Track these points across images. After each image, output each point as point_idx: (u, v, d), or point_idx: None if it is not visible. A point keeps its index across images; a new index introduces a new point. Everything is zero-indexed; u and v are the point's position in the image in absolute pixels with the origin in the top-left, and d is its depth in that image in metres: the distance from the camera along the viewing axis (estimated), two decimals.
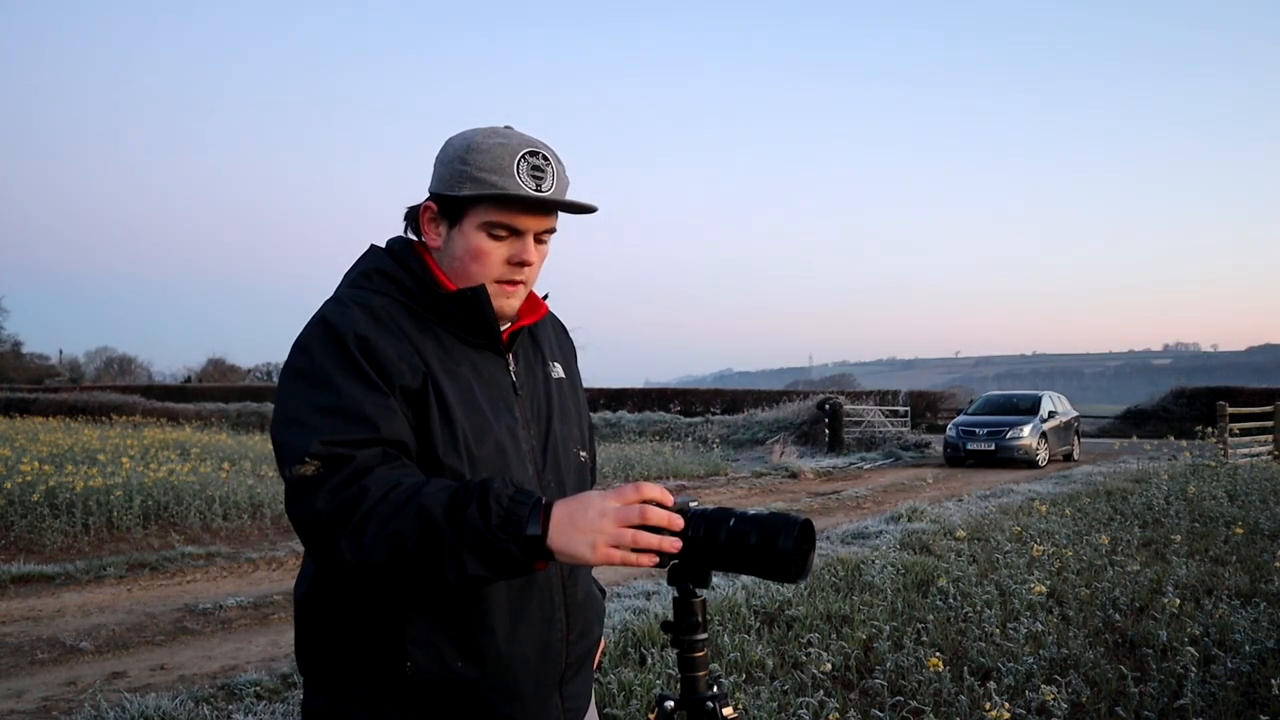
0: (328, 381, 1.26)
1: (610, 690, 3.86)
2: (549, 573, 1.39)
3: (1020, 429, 17.56)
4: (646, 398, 34.32)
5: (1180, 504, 9.54)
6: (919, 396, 32.78)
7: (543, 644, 1.38)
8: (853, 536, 8.28)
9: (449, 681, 1.30)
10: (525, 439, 1.42)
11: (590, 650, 1.52)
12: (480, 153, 1.34)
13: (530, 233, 1.37)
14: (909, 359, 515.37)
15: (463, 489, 1.18)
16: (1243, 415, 17.70)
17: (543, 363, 1.53)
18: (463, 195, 1.34)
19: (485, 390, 1.39)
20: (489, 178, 1.33)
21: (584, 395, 1.67)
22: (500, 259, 1.37)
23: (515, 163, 1.33)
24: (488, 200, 1.34)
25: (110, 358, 69.44)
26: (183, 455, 14.10)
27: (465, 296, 1.36)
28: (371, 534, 1.17)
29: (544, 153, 1.36)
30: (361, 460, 1.22)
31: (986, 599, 5.38)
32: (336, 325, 1.29)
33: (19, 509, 8.68)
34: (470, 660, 1.31)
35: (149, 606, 6.38)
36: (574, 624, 1.44)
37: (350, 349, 1.27)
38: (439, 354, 1.35)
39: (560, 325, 1.66)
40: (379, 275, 1.39)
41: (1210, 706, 3.74)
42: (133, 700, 4.07)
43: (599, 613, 1.56)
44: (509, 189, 1.33)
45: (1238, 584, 5.84)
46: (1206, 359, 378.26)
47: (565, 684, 1.44)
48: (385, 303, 1.36)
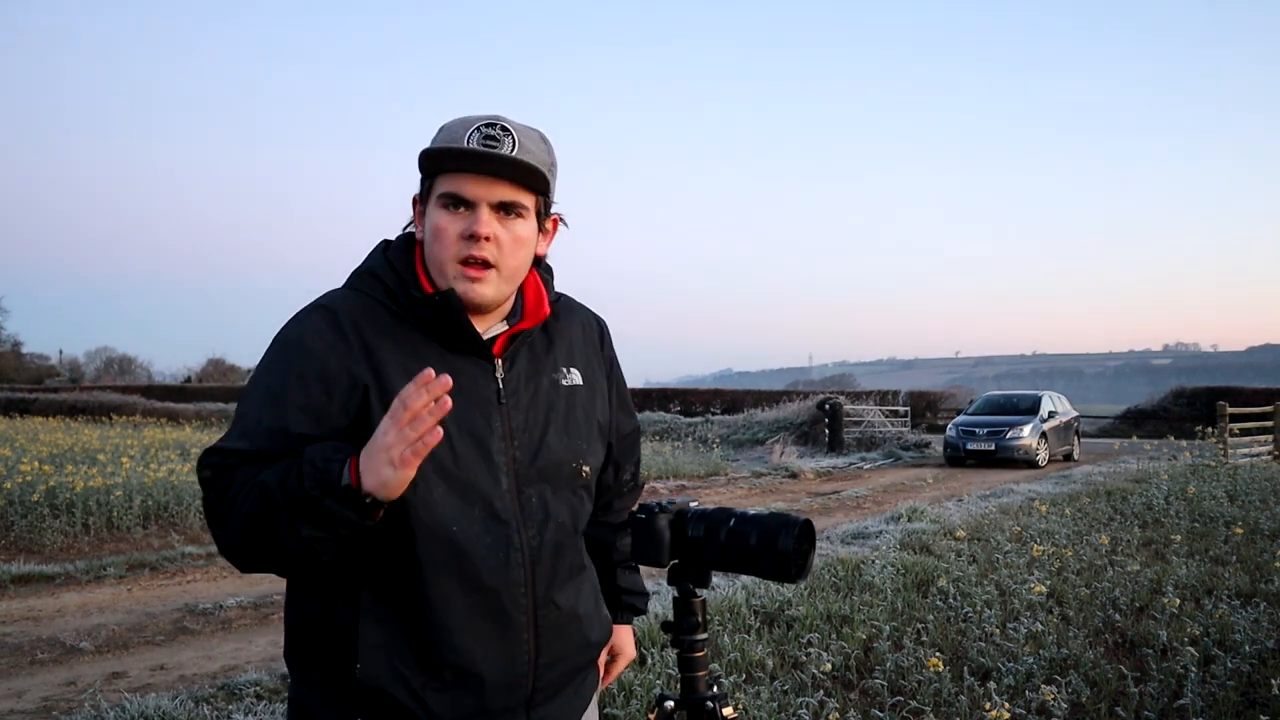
0: (258, 393, 1.33)
1: (610, 690, 3.86)
2: (515, 594, 1.34)
3: (1020, 429, 17.56)
4: (646, 398, 34.30)
5: (1180, 504, 9.53)
6: (919, 396, 32.78)
7: (503, 665, 1.34)
8: (853, 536, 8.28)
9: (396, 691, 1.29)
10: (504, 451, 1.36)
11: (574, 674, 1.45)
12: (442, 130, 1.36)
13: (482, 203, 1.32)
14: (909, 359, 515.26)
15: (292, 463, 1.23)
16: (1243, 415, 17.69)
17: (552, 368, 1.45)
18: (422, 172, 1.37)
19: (455, 400, 1.29)
20: (439, 147, 1.34)
21: (623, 394, 1.61)
22: (455, 234, 1.32)
23: (467, 133, 1.32)
24: (436, 168, 1.34)
25: (110, 358, 69.44)
26: (183, 455, 14.09)
27: (434, 300, 1.34)
28: (233, 521, 1.25)
29: (504, 124, 1.33)
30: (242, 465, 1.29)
31: (986, 599, 5.38)
32: (285, 338, 1.36)
33: (19, 509, 8.67)
34: (419, 669, 1.30)
35: (149, 606, 6.38)
36: (545, 648, 1.37)
37: (291, 362, 1.32)
38: (405, 360, 1.32)
39: (593, 323, 1.57)
40: (367, 275, 1.40)
41: (1210, 706, 3.74)
42: (133, 700, 4.07)
43: (598, 634, 1.49)
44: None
45: (1238, 584, 5.84)
46: (1206, 359, 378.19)
47: (534, 707, 1.39)
48: (363, 305, 1.36)
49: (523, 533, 1.36)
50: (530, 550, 1.36)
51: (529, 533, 1.37)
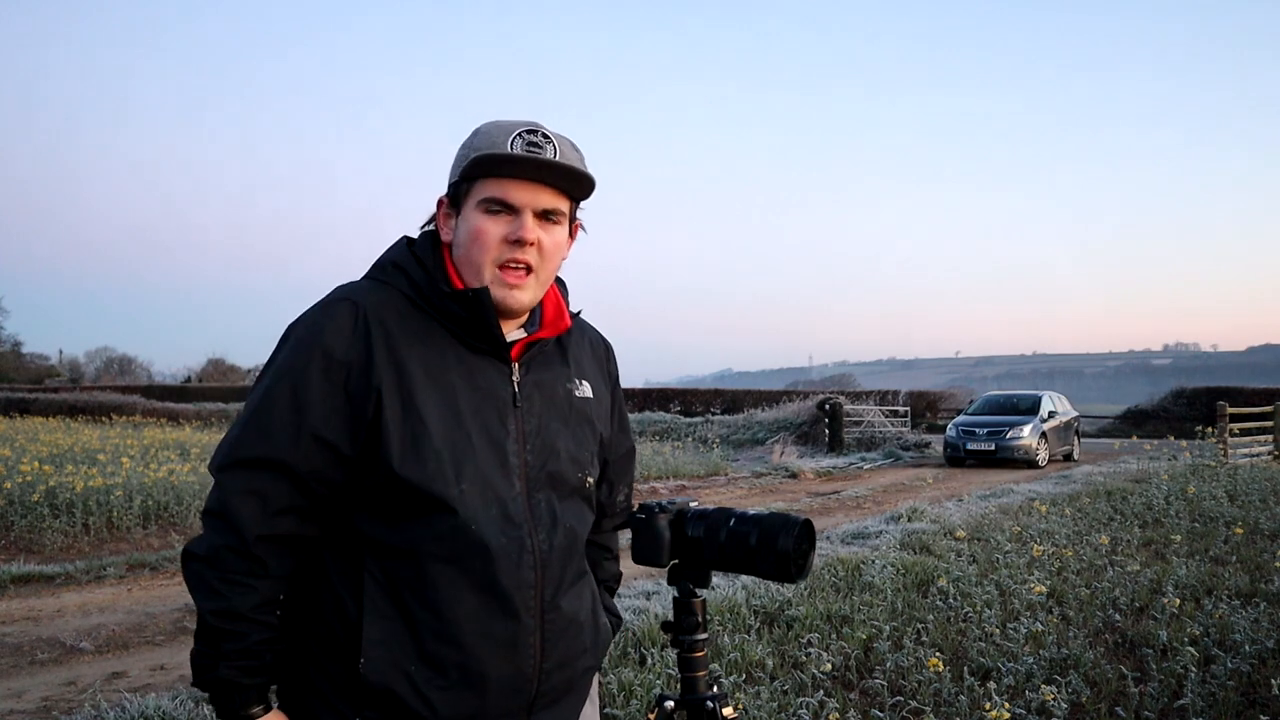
0: (279, 391, 1.32)
1: (610, 690, 3.86)
2: (526, 597, 1.35)
3: (1020, 429, 17.55)
4: (646, 398, 34.31)
5: (1180, 504, 9.54)
6: (919, 396, 32.79)
7: (507, 666, 1.34)
8: (853, 536, 8.28)
9: (400, 688, 1.29)
10: (517, 453, 1.37)
11: (577, 679, 1.46)
12: (479, 135, 1.36)
13: (527, 209, 1.34)
14: (909, 359, 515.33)
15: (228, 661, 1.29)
16: (1243, 415, 17.69)
17: (566, 378, 1.47)
18: (462, 177, 1.35)
19: (474, 399, 1.35)
20: (483, 152, 1.33)
21: (622, 414, 1.62)
22: (497, 238, 1.34)
23: (510, 139, 1.33)
24: (479, 172, 1.34)
25: (110, 358, 69.46)
26: (183, 455, 14.10)
27: (467, 296, 1.34)
28: (198, 593, 1.31)
29: (545, 132, 1.35)
30: (238, 505, 1.30)
31: (986, 599, 5.38)
32: (306, 336, 1.33)
33: (19, 509, 8.68)
34: (424, 666, 1.30)
35: (149, 606, 6.38)
36: (551, 652, 1.37)
37: (312, 362, 1.31)
38: (426, 357, 1.34)
39: (601, 342, 1.61)
40: (392, 267, 1.40)
41: (1210, 706, 3.73)
42: (133, 700, 4.07)
43: (594, 642, 1.49)
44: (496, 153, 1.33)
45: (1238, 584, 5.84)
46: (1206, 359, 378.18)
47: (536, 712, 1.39)
48: (386, 297, 1.36)
49: (533, 536, 1.36)
50: (540, 554, 1.37)
51: (539, 537, 1.37)
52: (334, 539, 1.35)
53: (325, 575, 1.34)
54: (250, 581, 1.29)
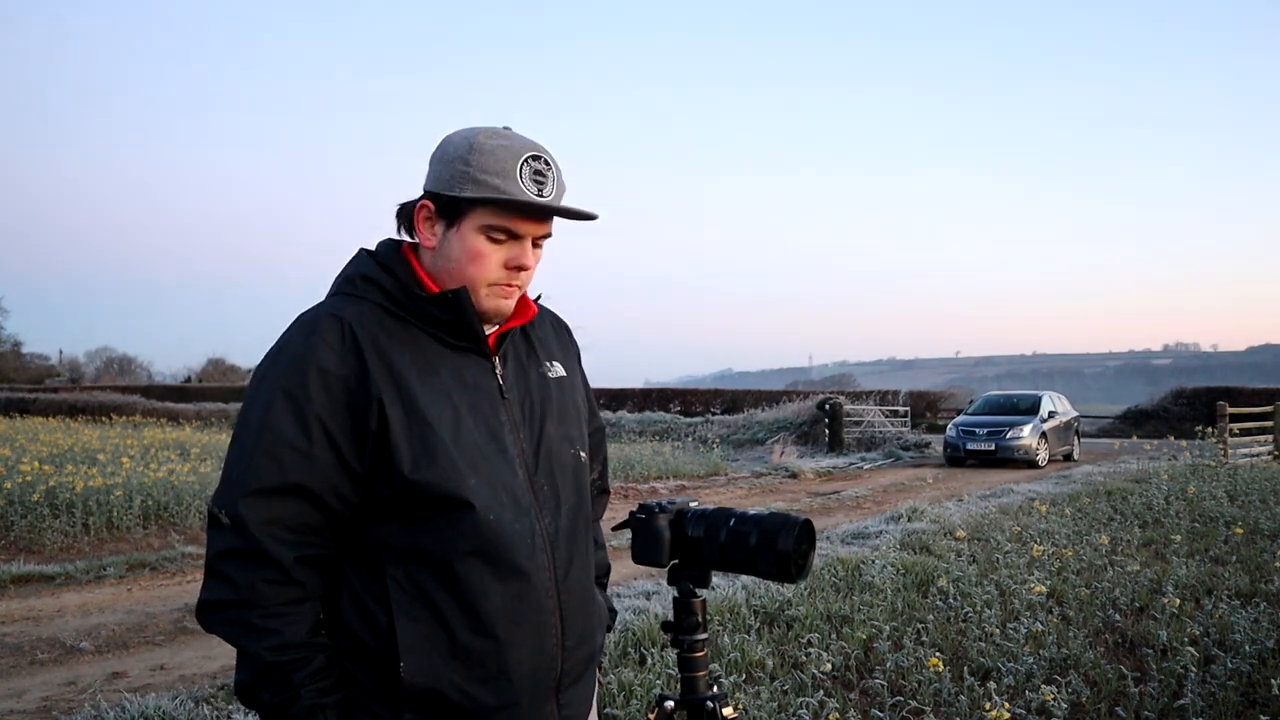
0: (267, 423, 1.30)
1: (610, 690, 3.86)
2: (543, 579, 1.38)
3: (1020, 429, 17.55)
4: (646, 398, 34.31)
5: (1180, 504, 9.53)
6: (919, 396, 32.78)
7: (536, 650, 1.38)
8: (853, 536, 8.28)
9: (442, 685, 1.31)
10: (514, 443, 1.41)
11: (591, 657, 1.50)
12: (483, 154, 1.34)
13: (529, 238, 1.38)
14: (909, 359, 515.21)
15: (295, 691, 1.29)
16: (1243, 415, 17.70)
17: (537, 363, 1.51)
18: (464, 197, 1.34)
19: (467, 395, 1.38)
20: (491, 180, 1.33)
21: (588, 393, 1.66)
22: (498, 262, 1.37)
23: (518, 167, 1.34)
24: (490, 204, 1.34)
25: (110, 358, 69.46)
26: (183, 455, 14.09)
27: (446, 299, 1.36)
28: (245, 638, 1.30)
29: (545, 157, 1.37)
30: (266, 536, 1.28)
31: (986, 599, 5.38)
32: (298, 355, 1.32)
33: (19, 509, 8.67)
34: (460, 663, 1.32)
35: (149, 606, 6.38)
36: (570, 630, 1.42)
37: (309, 382, 1.30)
38: (416, 361, 1.36)
39: (560, 323, 1.65)
40: (362, 280, 1.40)
41: (1210, 706, 3.74)
42: (133, 700, 4.07)
43: (600, 619, 1.54)
44: (513, 194, 1.33)
45: (1238, 584, 5.84)
46: (1206, 359, 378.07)
47: (562, 691, 1.43)
48: (364, 310, 1.37)
49: (540, 520, 1.40)
50: (549, 536, 1.41)
51: (546, 519, 1.41)
52: (352, 550, 1.36)
53: (348, 587, 1.35)
54: (295, 609, 1.30)
